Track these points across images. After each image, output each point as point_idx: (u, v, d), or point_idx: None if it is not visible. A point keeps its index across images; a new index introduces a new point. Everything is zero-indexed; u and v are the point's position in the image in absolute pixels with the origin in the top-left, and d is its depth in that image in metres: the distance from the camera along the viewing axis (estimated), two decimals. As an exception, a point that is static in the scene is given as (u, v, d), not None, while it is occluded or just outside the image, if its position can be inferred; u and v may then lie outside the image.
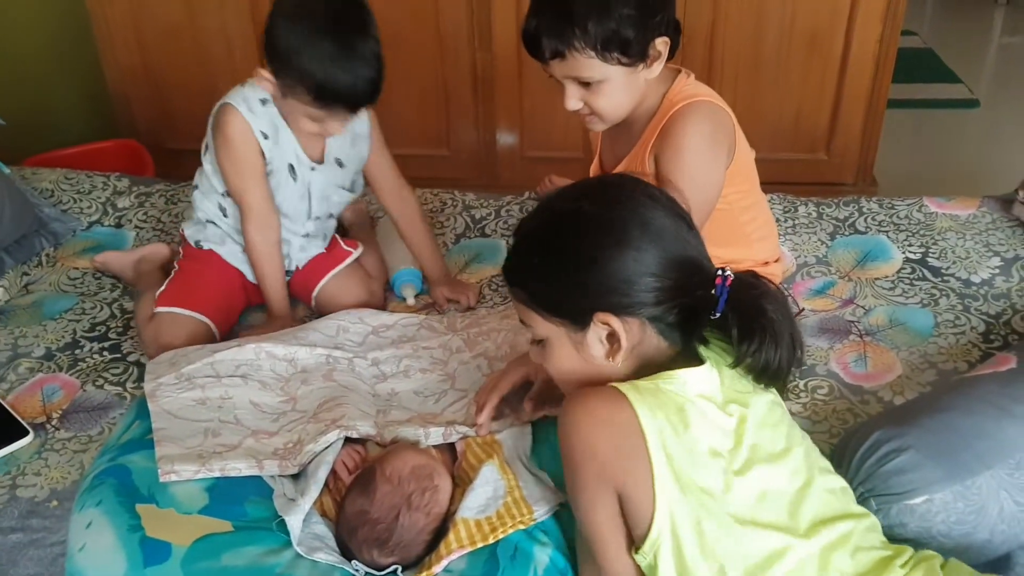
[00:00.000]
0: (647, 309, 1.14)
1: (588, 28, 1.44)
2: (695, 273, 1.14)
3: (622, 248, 1.12)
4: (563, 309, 1.17)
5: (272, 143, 1.74)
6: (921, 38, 4.36)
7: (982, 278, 1.89)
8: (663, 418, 1.09)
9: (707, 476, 1.10)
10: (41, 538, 1.42)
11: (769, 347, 1.11)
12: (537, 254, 1.19)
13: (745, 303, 1.12)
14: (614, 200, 1.16)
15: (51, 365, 1.76)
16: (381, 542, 1.26)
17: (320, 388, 1.54)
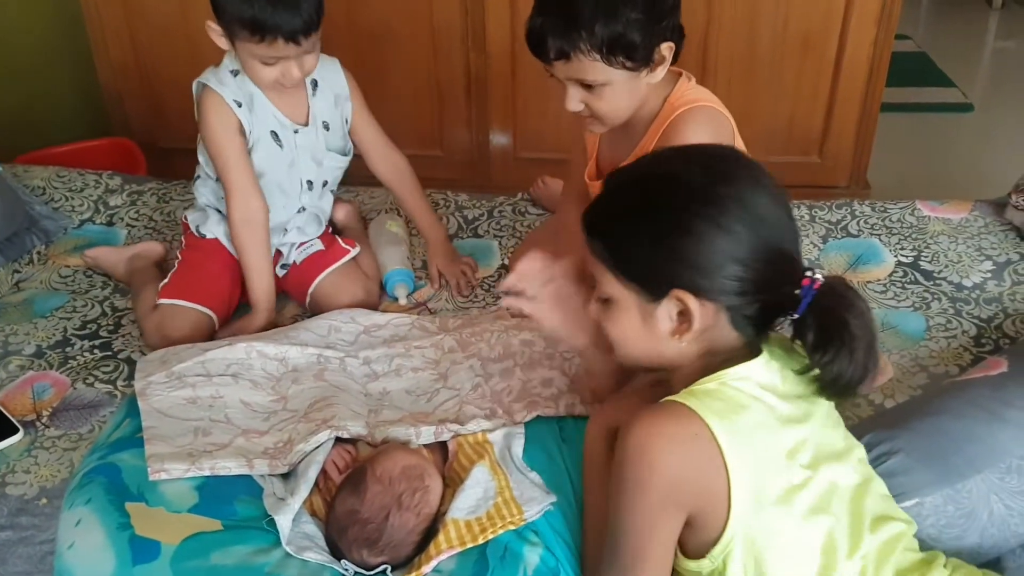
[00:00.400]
0: (728, 297, 1.09)
1: (595, 31, 1.43)
2: (785, 268, 1.09)
3: (720, 229, 1.06)
4: (641, 275, 1.12)
5: (247, 110, 1.75)
6: (915, 42, 4.37)
7: (974, 282, 1.89)
8: (732, 419, 1.06)
9: (783, 470, 1.08)
10: (30, 536, 1.41)
11: (843, 360, 1.06)
12: (629, 210, 1.12)
13: (828, 311, 1.07)
14: (722, 176, 1.10)
15: (41, 363, 1.75)
16: (371, 542, 1.25)
17: (311, 388, 1.53)
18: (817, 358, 1.07)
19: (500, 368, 1.57)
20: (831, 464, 1.12)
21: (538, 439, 1.42)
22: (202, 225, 1.89)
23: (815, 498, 1.10)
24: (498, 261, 2.04)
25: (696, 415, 1.06)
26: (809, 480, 1.10)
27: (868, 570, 1.10)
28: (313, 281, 1.86)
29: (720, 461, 1.05)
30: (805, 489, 1.09)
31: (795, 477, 1.09)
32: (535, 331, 1.65)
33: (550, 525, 1.28)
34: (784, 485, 1.08)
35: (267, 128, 1.78)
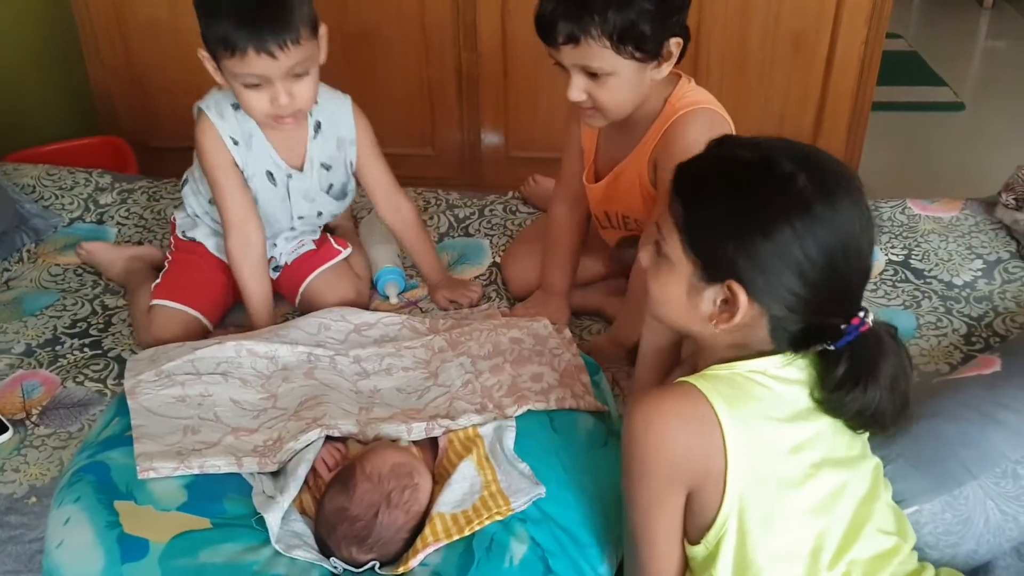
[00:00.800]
0: (778, 307, 1.09)
1: (608, 16, 1.43)
2: (843, 302, 1.10)
3: (801, 246, 1.05)
4: (706, 254, 1.11)
5: (244, 148, 1.71)
6: (906, 41, 4.39)
7: (964, 280, 1.90)
8: (740, 407, 1.08)
9: (784, 464, 1.09)
10: (19, 535, 1.41)
11: (862, 403, 1.08)
12: (724, 189, 1.10)
13: (865, 355, 1.08)
14: (828, 195, 1.07)
15: (31, 361, 1.75)
16: (360, 539, 1.25)
17: (301, 386, 1.53)
18: (836, 394, 1.09)
19: (490, 365, 1.57)
20: (838, 469, 1.12)
21: (529, 430, 1.42)
22: (189, 230, 1.88)
23: (813, 498, 1.10)
24: (489, 260, 2.04)
25: (704, 397, 1.07)
26: (810, 479, 1.10)
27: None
28: (304, 280, 1.86)
29: (721, 444, 1.06)
30: (804, 487, 1.09)
31: (796, 472, 1.10)
32: (523, 329, 1.65)
33: (541, 511, 1.28)
34: (783, 478, 1.09)
35: (262, 167, 1.74)
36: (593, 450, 1.40)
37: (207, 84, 3.03)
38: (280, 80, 1.57)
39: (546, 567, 1.22)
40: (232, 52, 1.53)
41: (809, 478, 1.10)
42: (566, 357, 1.58)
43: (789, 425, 1.10)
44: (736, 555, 1.09)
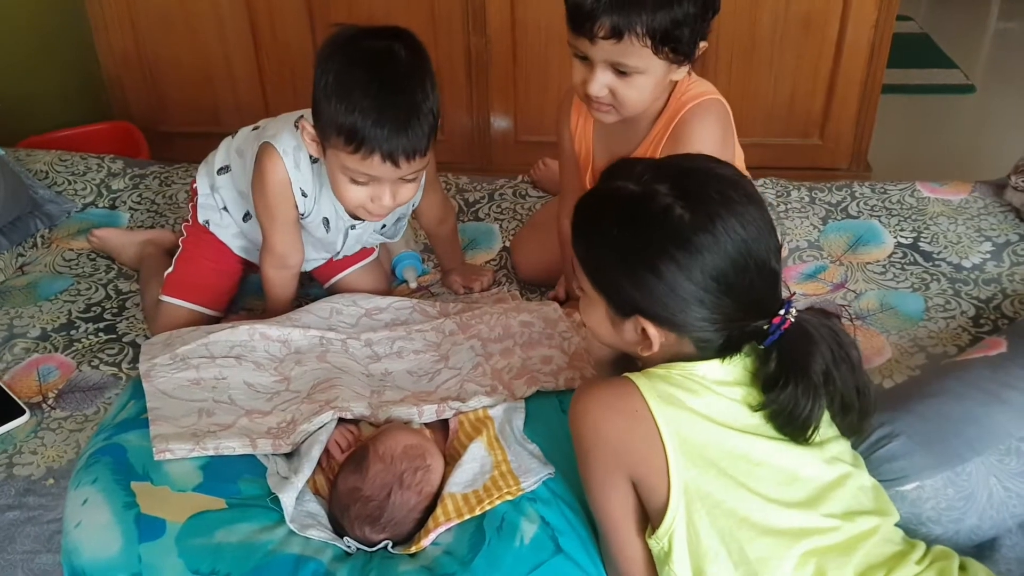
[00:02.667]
0: (691, 332, 1.12)
1: (657, 16, 1.40)
2: (756, 312, 1.11)
3: (689, 277, 1.08)
4: (608, 292, 1.15)
5: (311, 201, 1.65)
6: (917, 23, 4.36)
7: (973, 263, 1.90)
8: (676, 404, 1.09)
9: (725, 458, 1.10)
10: (38, 515, 1.43)
11: (800, 402, 1.08)
12: (611, 225, 1.13)
13: (792, 350, 1.09)
14: (708, 218, 1.08)
15: (47, 345, 1.77)
16: (373, 519, 1.27)
17: (314, 369, 1.54)
18: (770, 396, 1.10)
19: (500, 348, 1.58)
20: (792, 455, 1.12)
21: (539, 412, 1.43)
22: (215, 224, 1.81)
23: (771, 482, 1.10)
24: (499, 244, 2.05)
25: (638, 392, 1.10)
26: (759, 467, 1.10)
27: (826, 568, 1.09)
28: (336, 275, 1.86)
29: (657, 439, 1.09)
30: (753, 479, 1.10)
31: (743, 463, 1.10)
32: (533, 312, 1.66)
33: (551, 490, 1.29)
34: (728, 469, 1.09)
35: (322, 215, 1.68)
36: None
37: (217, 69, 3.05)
38: (390, 183, 1.50)
39: (556, 546, 1.22)
40: (356, 149, 1.44)
41: (758, 467, 1.10)
42: (575, 340, 1.59)
43: (730, 420, 1.11)
44: (690, 547, 1.10)
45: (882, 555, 1.13)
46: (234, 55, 2.93)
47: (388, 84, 1.43)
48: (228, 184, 1.76)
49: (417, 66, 1.46)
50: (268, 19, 2.85)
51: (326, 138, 1.48)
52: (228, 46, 2.91)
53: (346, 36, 1.48)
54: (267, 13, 2.84)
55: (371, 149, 1.43)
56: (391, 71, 1.44)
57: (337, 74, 1.44)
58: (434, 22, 2.79)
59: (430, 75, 1.47)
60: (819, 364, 1.08)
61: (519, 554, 1.21)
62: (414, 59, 1.47)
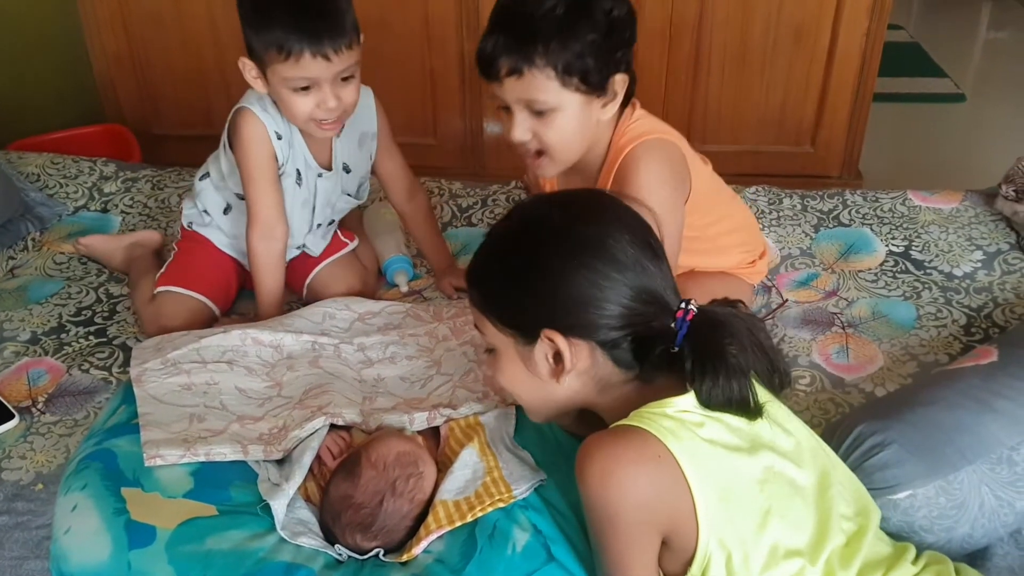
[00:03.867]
0: (598, 333, 1.11)
1: (552, 47, 1.40)
2: (652, 304, 1.11)
3: (578, 268, 1.09)
4: (513, 319, 1.16)
5: (286, 144, 1.71)
6: (908, 32, 4.38)
7: (964, 271, 1.91)
8: (688, 437, 1.07)
9: (743, 482, 1.08)
10: (26, 521, 1.42)
11: (725, 385, 1.07)
12: (497, 258, 1.17)
13: (703, 342, 1.08)
14: (583, 216, 1.14)
15: (37, 349, 1.76)
16: (365, 527, 1.27)
17: (306, 374, 1.54)
18: (697, 386, 1.08)
19: (493, 355, 1.58)
20: (789, 465, 1.12)
21: (529, 420, 1.42)
22: (197, 224, 1.87)
23: (777, 504, 1.10)
24: (492, 249, 2.04)
25: (653, 436, 1.05)
26: (767, 484, 1.10)
27: (835, 570, 1.10)
28: (311, 272, 1.86)
29: (682, 479, 1.05)
30: (764, 494, 1.09)
31: (759, 484, 1.09)
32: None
33: (543, 498, 1.29)
34: (750, 493, 1.08)
35: (295, 166, 1.74)
36: (593, 439, 1.41)
37: (210, 72, 3.05)
38: (329, 84, 1.58)
39: (548, 554, 1.22)
40: (287, 55, 1.54)
41: (766, 483, 1.10)
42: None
43: (736, 446, 1.10)
44: (727, 571, 1.08)
45: (878, 554, 1.14)
46: (227, 57, 2.91)
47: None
48: (208, 186, 1.82)
49: None
50: (261, 22, 2.84)
51: (262, 63, 1.59)
52: (221, 49, 2.90)
53: None
54: (260, 16, 2.83)
55: (300, 50, 1.53)
56: None
57: (252, 1, 1.57)
58: (428, 26, 2.79)
59: None
60: (734, 347, 1.08)
61: (511, 562, 1.20)
62: None
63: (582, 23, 1.41)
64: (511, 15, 1.44)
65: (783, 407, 1.20)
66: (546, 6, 1.41)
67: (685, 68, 2.83)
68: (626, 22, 1.47)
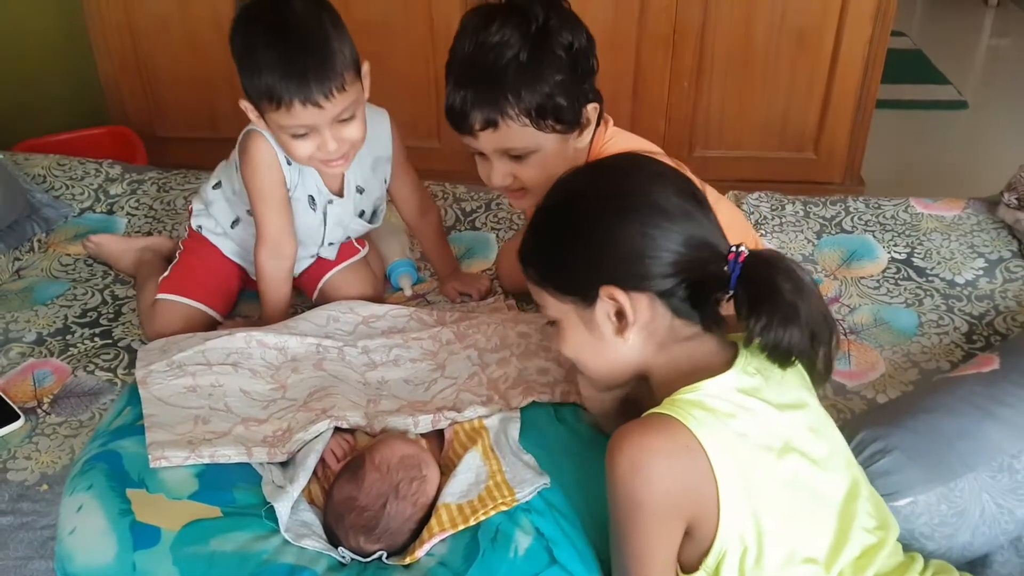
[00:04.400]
0: (654, 282, 1.11)
1: (522, 95, 1.40)
2: (704, 249, 1.12)
3: (628, 220, 1.11)
4: (571, 285, 1.16)
5: (296, 170, 1.68)
6: (911, 39, 4.39)
7: (966, 279, 1.91)
8: (719, 429, 1.07)
9: (769, 479, 1.09)
10: (31, 521, 1.43)
11: (779, 327, 1.06)
12: (547, 230, 1.19)
13: (757, 280, 1.09)
14: (624, 173, 1.18)
15: (42, 350, 1.76)
16: (368, 529, 1.27)
17: (310, 377, 1.55)
18: (752, 325, 1.08)
19: (497, 358, 1.59)
20: (816, 473, 1.13)
21: (534, 423, 1.43)
22: (207, 230, 1.85)
23: (798, 508, 1.10)
24: (496, 253, 2.05)
25: (683, 426, 1.06)
26: (791, 487, 1.10)
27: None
28: (323, 277, 1.86)
29: (709, 471, 1.06)
30: (788, 498, 1.10)
31: (780, 486, 1.10)
32: (531, 324, 1.67)
33: (546, 501, 1.29)
34: (773, 493, 1.09)
35: (306, 192, 1.72)
36: (597, 442, 1.41)
37: (214, 75, 3.06)
38: (327, 127, 1.54)
39: (551, 557, 1.22)
40: (278, 105, 1.49)
41: (790, 487, 1.10)
42: (571, 351, 1.59)
43: (768, 438, 1.11)
44: (740, 567, 1.09)
45: (890, 567, 1.15)
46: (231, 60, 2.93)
47: (285, 33, 1.49)
48: (219, 197, 1.81)
49: (313, 11, 1.51)
50: (266, 25, 2.85)
51: (258, 107, 1.54)
52: (225, 51, 2.86)
53: (243, 11, 1.55)
54: (265, 19, 2.84)
55: (290, 100, 1.47)
56: (285, 21, 1.50)
57: (241, 44, 1.52)
58: (432, 33, 2.80)
59: (328, 12, 1.53)
60: (786, 286, 1.08)
61: (513, 565, 1.21)
62: (307, 5, 1.52)
63: (546, 64, 1.41)
64: (474, 68, 1.42)
65: (822, 409, 1.21)
66: (508, 55, 1.39)
67: (688, 74, 2.84)
68: (587, 52, 1.46)
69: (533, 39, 1.40)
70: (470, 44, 1.43)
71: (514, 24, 1.40)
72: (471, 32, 1.43)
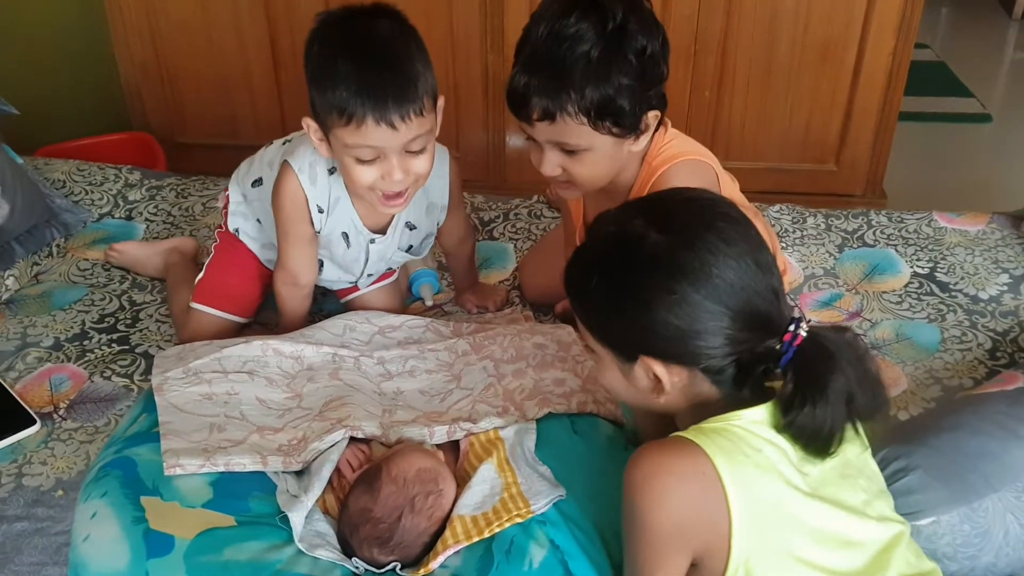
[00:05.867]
0: (697, 361, 1.07)
1: (585, 93, 1.37)
2: (758, 329, 1.06)
3: (676, 300, 1.05)
4: (611, 341, 1.13)
5: (327, 215, 1.63)
6: (934, 51, 4.36)
7: (990, 295, 1.89)
8: (741, 462, 1.03)
9: (786, 518, 1.05)
10: (46, 527, 1.43)
11: (813, 419, 1.02)
12: (593, 273, 1.12)
13: (808, 372, 1.03)
14: (685, 238, 1.07)
15: (59, 355, 1.77)
16: (382, 541, 1.26)
17: (326, 386, 1.54)
18: (791, 416, 1.04)
19: (513, 369, 1.58)
20: (848, 519, 1.08)
21: (550, 434, 1.42)
22: (243, 232, 1.80)
23: (822, 552, 1.06)
24: (513, 264, 2.05)
25: (703, 452, 1.03)
26: (820, 531, 1.06)
27: None
28: (354, 291, 1.85)
29: (724, 502, 1.03)
30: (814, 543, 1.06)
31: (806, 528, 1.06)
32: (547, 335, 1.66)
33: (562, 513, 1.28)
34: (789, 534, 1.05)
35: (339, 230, 1.66)
36: (614, 454, 1.41)
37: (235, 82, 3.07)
38: (396, 154, 1.46)
39: (566, 570, 1.22)
40: (348, 120, 1.41)
41: (815, 532, 1.06)
42: (589, 364, 1.58)
43: (792, 477, 1.06)
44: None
45: None
46: (253, 68, 2.94)
47: (368, 51, 1.43)
48: (261, 197, 1.74)
49: (399, 32, 1.46)
50: (288, 32, 2.86)
51: (324, 125, 1.47)
52: (247, 58, 2.92)
53: (324, 22, 1.48)
54: (287, 26, 2.85)
55: (363, 115, 1.40)
56: (370, 40, 1.44)
57: (319, 57, 1.44)
58: (453, 41, 2.80)
59: (415, 39, 1.47)
60: (839, 381, 1.03)
61: (528, 578, 1.20)
62: (394, 26, 1.46)
63: (616, 67, 1.38)
64: (544, 57, 1.39)
65: (865, 454, 1.16)
66: (579, 50, 1.36)
67: (709, 85, 2.82)
68: (659, 58, 1.43)
69: (608, 38, 1.37)
70: (545, 29, 1.39)
71: (592, 19, 1.37)
72: (549, 17, 1.40)
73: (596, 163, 1.47)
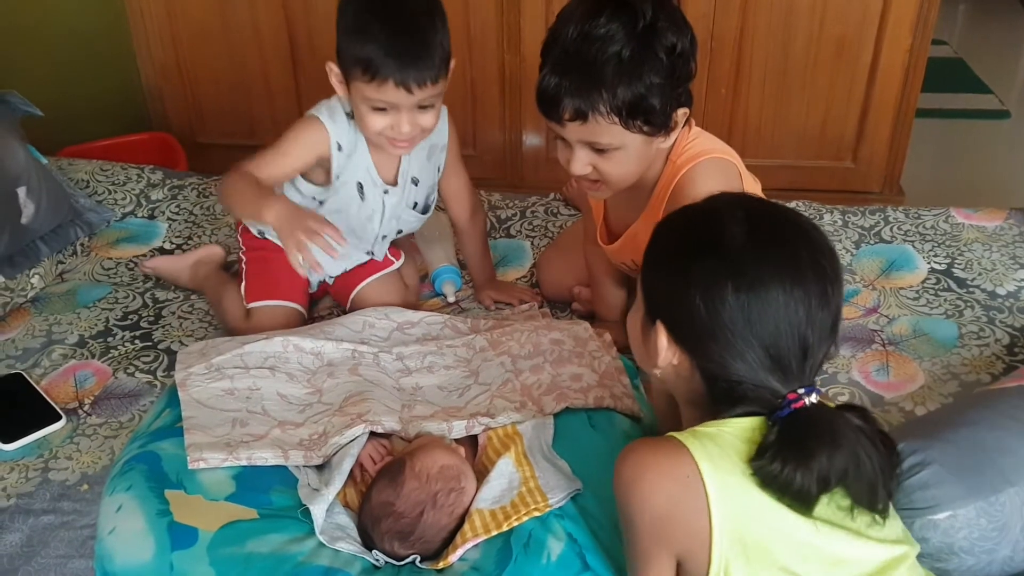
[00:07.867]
0: (702, 359, 1.08)
1: (617, 92, 1.38)
2: (769, 371, 1.05)
3: (716, 296, 1.04)
4: (648, 291, 1.14)
5: (346, 156, 1.70)
6: (951, 47, 4.34)
7: (1007, 290, 1.89)
8: (727, 470, 1.03)
9: (770, 530, 1.04)
10: (72, 520, 1.45)
11: (788, 477, 1.00)
12: (669, 230, 1.14)
13: (795, 434, 1.02)
14: (761, 250, 1.05)
15: (84, 352, 1.79)
16: (403, 535, 1.28)
17: (346, 382, 1.56)
18: (759, 455, 1.02)
19: (530, 364, 1.59)
20: (840, 536, 1.06)
21: (567, 429, 1.44)
22: (268, 233, 1.83)
23: (809, 568, 1.04)
24: (530, 261, 2.06)
25: (691, 456, 1.03)
26: (808, 545, 1.04)
27: None
28: (356, 287, 1.88)
29: (705, 506, 1.02)
30: (801, 559, 1.04)
31: (788, 542, 1.04)
32: (564, 331, 1.67)
33: (579, 507, 1.29)
34: (774, 546, 1.04)
35: (355, 179, 1.74)
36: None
37: (253, 82, 3.09)
38: (407, 110, 1.59)
39: (583, 563, 1.23)
40: (372, 78, 1.54)
41: (803, 547, 1.04)
42: (606, 359, 1.59)
43: None
44: None
45: None
46: (272, 68, 2.97)
47: (400, 18, 1.55)
48: (291, 191, 1.78)
49: (429, 3, 1.59)
50: (306, 33, 2.88)
51: (348, 73, 1.59)
52: (266, 60, 2.95)
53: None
54: (305, 27, 2.88)
55: (385, 77, 1.54)
56: (403, 7, 1.56)
57: (355, 13, 1.57)
58: (469, 40, 2.82)
59: (440, 12, 1.61)
60: (821, 462, 1.00)
61: (546, 571, 1.21)
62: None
63: (647, 66, 1.38)
64: (575, 57, 1.39)
65: None
66: (611, 50, 1.37)
67: (726, 82, 2.83)
68: (689, 55, 1.44)
69: (638, 38, 1.38)
70: (575, 30, 1.40)
71: (623, 19, 1.38)
72: (579, 18, 1.40)
73: (626, 161, 1.48)
